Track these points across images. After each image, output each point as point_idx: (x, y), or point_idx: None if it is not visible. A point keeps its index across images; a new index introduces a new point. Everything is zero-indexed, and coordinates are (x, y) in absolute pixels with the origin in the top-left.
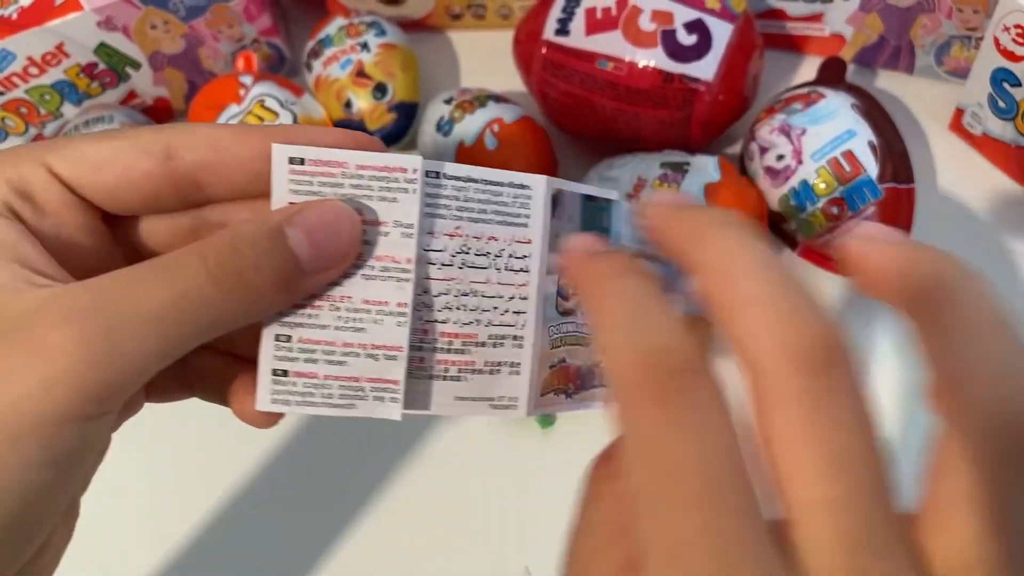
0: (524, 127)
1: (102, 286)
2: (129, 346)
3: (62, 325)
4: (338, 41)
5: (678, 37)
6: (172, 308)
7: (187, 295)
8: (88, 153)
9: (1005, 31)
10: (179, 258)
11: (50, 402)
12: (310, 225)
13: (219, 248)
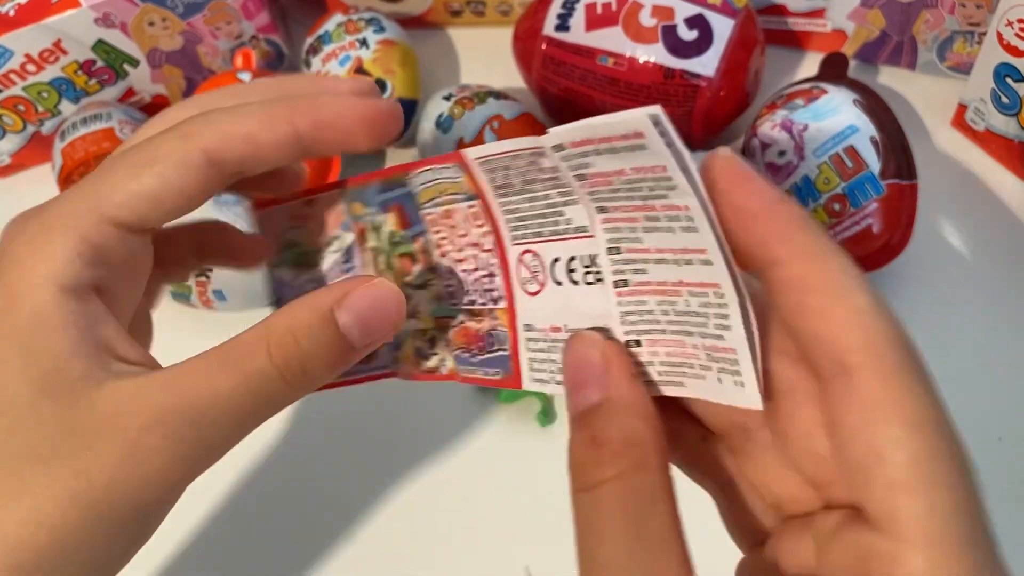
0: (524, 123)
1: (186, 384)
2: (213, 440)
3: (155, 428)
4: (337, 38)
5: (679, 32)
6: (247, 401)
7: (260, 389)
8: (139, 191)
9: (1008, 26)
10: (247, 351)
11: (143, 497)
12: (359, 309)
13: (281, 339)
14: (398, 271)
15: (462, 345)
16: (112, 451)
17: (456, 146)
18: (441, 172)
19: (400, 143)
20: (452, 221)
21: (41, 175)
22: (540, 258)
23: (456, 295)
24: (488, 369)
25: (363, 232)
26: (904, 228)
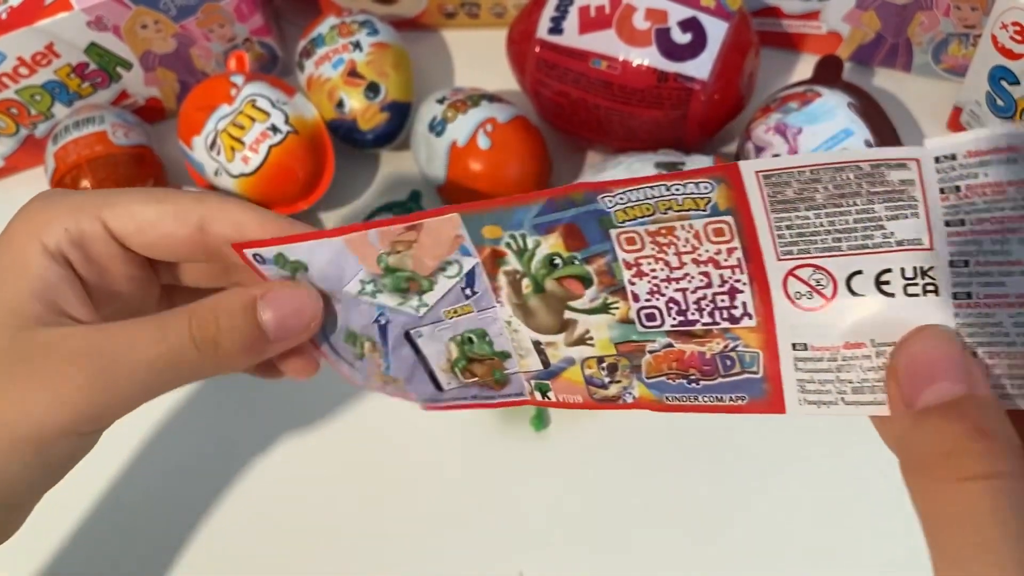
0: (518, 127)
1: (108, 333)
2: (121, 385)
3: (73, 360)
4: (330, 40)
5: (672, 35)
6: (158, 359)
7: (172, 351)
8: (136, 213)
9: (1003, 29)
10: (171, 319)
11: (51, 418)
12: (280, 307)
13: (203, 316)
14: (559, 295)
15: (672, 371)
16: (32, 377)
17: (449, 149)
18: (678, 189)
19: (393, 146)
20: (670, 239)
21: (34, 178)
22: (827, 272)
23: (657, 317)
24: (725, 395)
25: (494, 255)
26: None
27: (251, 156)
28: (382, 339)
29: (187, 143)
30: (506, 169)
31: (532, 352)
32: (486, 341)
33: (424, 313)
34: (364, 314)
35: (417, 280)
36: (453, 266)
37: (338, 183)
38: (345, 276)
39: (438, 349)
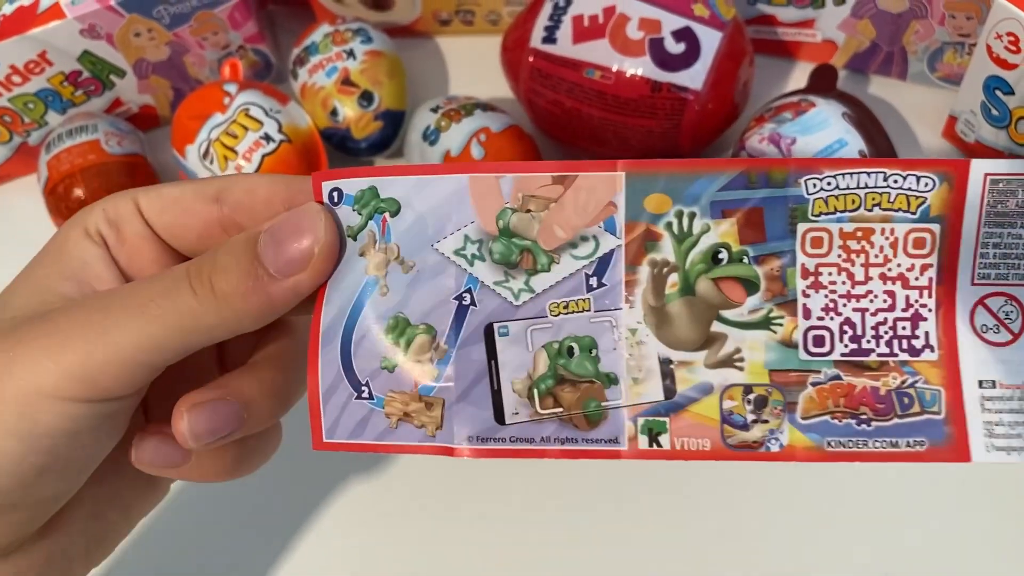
0: (511, 136)
1: (110, 293)
2: (114, 337)
3: (69, 315)
4: (324, 48)
5: (666, 45)
6: (150, 306)
7: (166, 296)
8: (164, 192)
9: (998, 39)
10: (173, 270)
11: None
12: (275, 229)
13: (201, 258)
14: (712, 300)
15: (835, 409)
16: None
17: (442, 159)
18: (897, 180)
19: (387, 155)
20: (863, 244)
21: (27, 186)
22: (1019, 303)
23: (827, 342)
24: (901, 440)
25: (646, 237)
26: None
27: (244, 165)
28: (454, 327)
29: (180, 152)
30: None
31: (655, 374)
32: (592, 356)
33: (524, 302)
34: (442, 288)
35: (535, 254)
36: (588, 243)
37: None
38: (446, 228)
39: (522, 358)
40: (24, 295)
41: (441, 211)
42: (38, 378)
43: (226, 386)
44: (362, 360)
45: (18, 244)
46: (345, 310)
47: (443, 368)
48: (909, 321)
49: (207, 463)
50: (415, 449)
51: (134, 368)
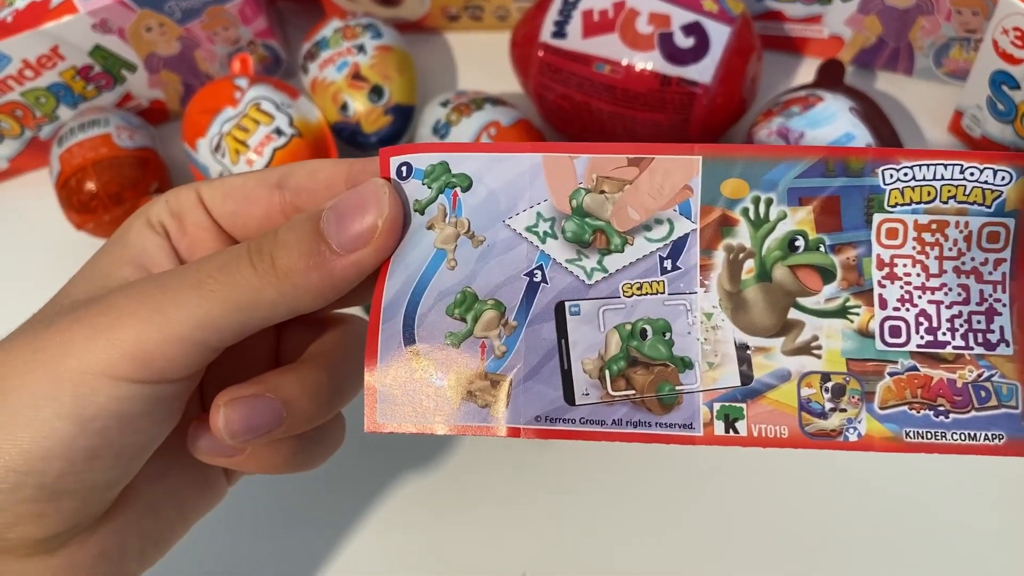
0: (521, 130)
1: (168, 272)
2: (169, 315)
3: (126, 294)
4: (334, 43)
5: (675, 40)
6: (208, 280)
7: (225, 272)
8: (227, 182)
9: (1004, 34)
10: (233, 248)
11: (89, 354)
12: (339, 204)
13: (263, 235)
14: (789, 287)
15: (912, 400)
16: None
17: None
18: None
19: None
20: (938, 237)
21: (39, 180)
22: None
23: (903, 332)
24: (980, 432)
25: (722, 223)
26: None
27: (255, 159)
28: (524, 303)
29: (191, 146)
30: None
31: (732, 359)
32: (665, 339)
33: (597, 281)
34: (513, 263)
35: (608, 234)
36: (663, 226)
37: None
38: (518, 204)
39: (593, 338)
40: (85, 282)
41: (514, 188)
42: (91, 357)
43: (267, 382)
44: (425, 335)
45: (30, 237)
46: (411, 284)
47: (511, 345)
48: (984, 315)
49: (264, 455)
50: (479, 430)
51: (190, 348)
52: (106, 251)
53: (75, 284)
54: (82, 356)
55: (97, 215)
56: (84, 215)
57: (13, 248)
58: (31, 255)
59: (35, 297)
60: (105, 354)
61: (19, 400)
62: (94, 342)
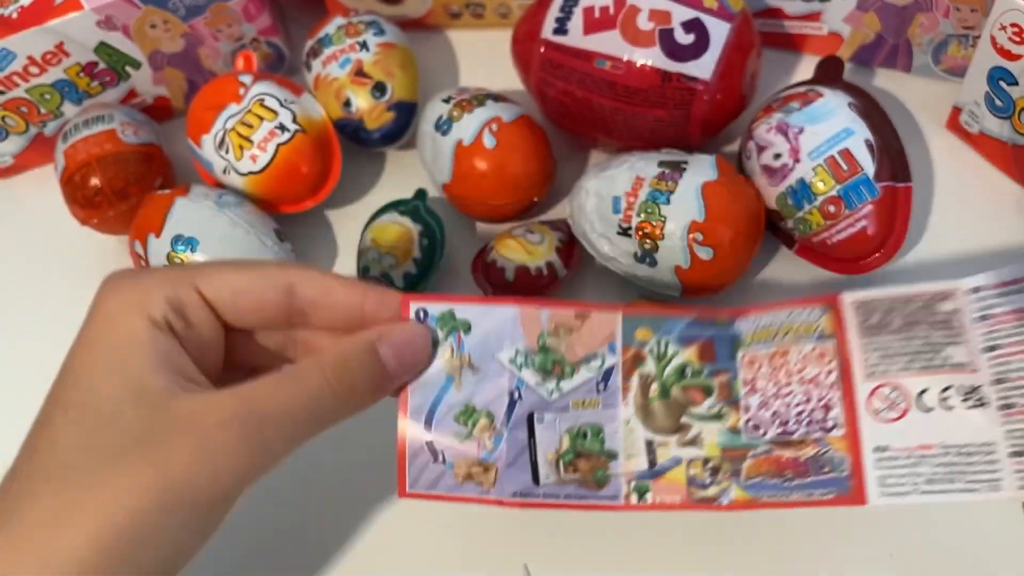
0: (522, 126)
1: (251, 395)
2: (272, 443)
3: (226, 426)
4: (337, 40)
5: (676, 36)
6: (302, 411)
7: (313, 402)
8: (230, 281)
9: (1002, 30)
10: (306, 371)
11: (213, 486)
12: (396, 343)
13: (335, 364)
14: (681, 401)
15: (769, 472)
16: (187, 446)
17: (454, 148)
18: (797, 315)
19: (399, 145)
20: (782, 360)
21: (44, 176)
22: (902, 389)
23: (762, 427)
24: (816, 491)
25: (636, 358)
26: (898, 230)
27: (259, 154)
28: (507, 414)
29: (196, 142)
30: (511, 168)
31: (642, 452)
32: (599, 438)
33: (555, 399)
34: (500, 386)
35: (562, 365)
36: (597, 360)
37: (345, 182)
38: (504, 344)
39: (552, 438)
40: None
41: (500, 331)
42: (215, 490)
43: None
44: (440, 435)
45: (35, 233)
46: (428, 399)
47: (498, 443)
48: (823, 409)
49: None
50: (475, 500)
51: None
52: (125, 358)
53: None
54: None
55: (102, 211)
56: (89, 211)
57: (18, 244)
58: (36, 251)
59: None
60: (226, 483)
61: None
62: (216, 475)
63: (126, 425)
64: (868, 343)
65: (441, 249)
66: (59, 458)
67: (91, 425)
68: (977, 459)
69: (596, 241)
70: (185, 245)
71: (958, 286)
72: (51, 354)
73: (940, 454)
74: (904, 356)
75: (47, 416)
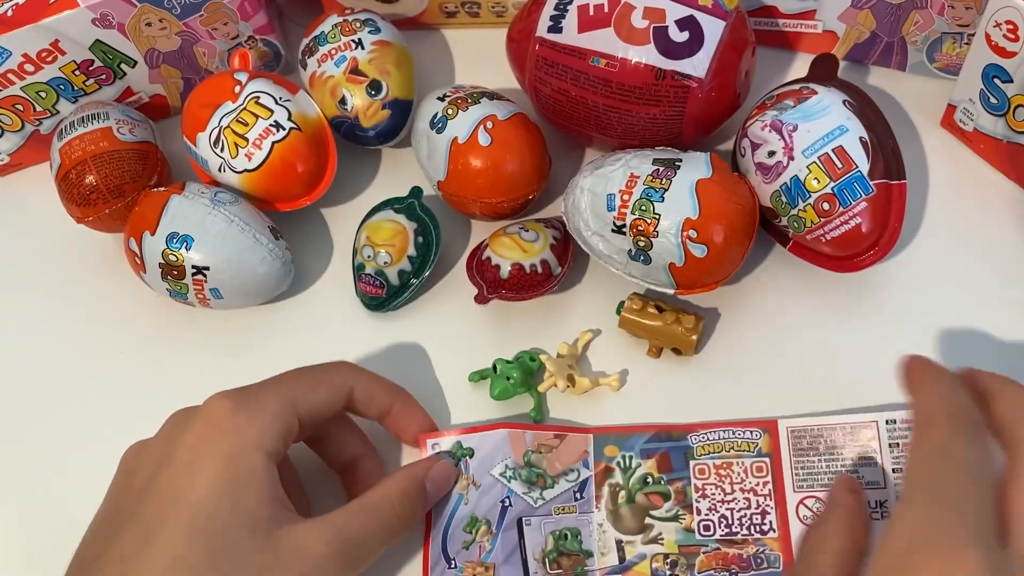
0: (517, 124)
1: (344, 525)
2: (360, 566)
3: (330, 558)
4: (332, 38)
5: (670, 34)
6: (377, 536)
7: (387, 530)
8: (314, 401)
9: (996, 27)
10: (381, 503)
11: None
12: (436, 479)
13: (401, 499)
14: (644, 505)
15: (718, 566)
16: (297, 573)
17: (449, 146)
18: (740, 434)
19: (395, 143)
20: (727, 472)
21: (40, 174)
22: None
23: (711, 528)
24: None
25: (606, 470)
26: (892, 227)
27: (255, 152)
28: (499, 519)
29: (191, 140)
30: (506, 165)
31: (613, 550)
32: (578, 539)
33: (540, 505)
34: (494, 496)
35: (544, 478)
36: (574, 473)
37: (340, 179)
38: (496, 460)
39: (538, 539)
40: (247, 534)
41: (494, 451)
42: None
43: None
44: (453, 544)
45: (31, 231)
46: (446, 515)
47: (494, 545)
48: (760, 514)
49: None
50: None
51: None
52: (245, 492)
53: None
54: None
55: (97, 209)
56: (84, 208)
57: (14, 242)
58: (32, 249)
59: (36, 290)
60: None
61: None
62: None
63: (244, 553)
64: (798, 462)
65: (436, 247)
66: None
67: (218, 548)
68: None
69: (590, 239)
70: (180, 243)
71: (876, 419)
72: (46, 352)
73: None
74: (827, 475)
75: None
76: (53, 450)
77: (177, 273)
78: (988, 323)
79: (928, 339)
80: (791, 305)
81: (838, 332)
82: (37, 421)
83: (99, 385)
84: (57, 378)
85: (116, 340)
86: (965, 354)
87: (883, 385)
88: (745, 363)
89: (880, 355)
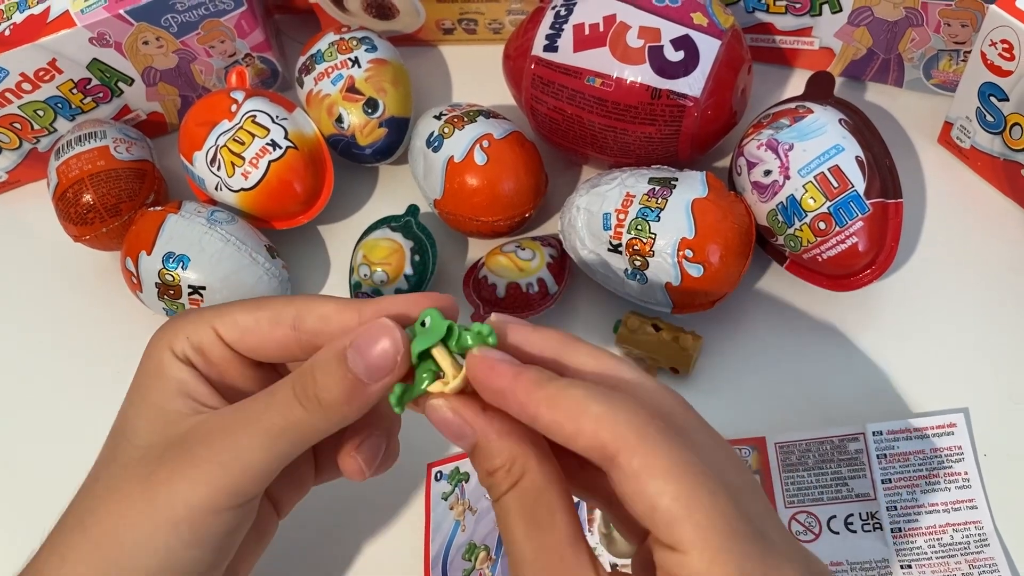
0: (513, 142)
1: (228, 412)
2: (246, 456)
3: (205, 442)
4: (329, 56)
5: (665, 53)
6: (272, 426)
7: (282, 415)
8: (239, 321)
9: (992, 46)
10: (277, 387)
11: (197, 498)
12: (364, 348)
13: (302, 376)
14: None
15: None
16: (181, 461)
17: (445, 164)
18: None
19: (391, 161)
20: None
21: (37, 191)
22: (815, 516)
23: None
24: None
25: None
26: (889, 246)
27: (251, 171)
28: (499, 544)
29: (188, 158)
30: (502, 184)
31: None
32: None
33: None
34: (491, 520)
35: None
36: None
37: (337, 197)
38: None
39: None
40: (146, 421)
41: None
42: (200, 500)
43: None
44: (452, 573)
45: (28, 249)
46: (444, 542)
47: (494, 569)
48: None
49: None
50: None
51: (265, 476)
52: (148, 385)
53: (137, 422)
54: (191, 502)
55: (94, 227)
56: (82, 227)
57: (11, 260)
58: (29, 267)
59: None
60: (209, 499)
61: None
62: (196, 489)
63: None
64: (788, 477)
65: (433, 265)
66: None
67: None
68: (875, 573)
69: (587, 257)
70: (176, 263)
71: (864, 430)
72: (45, 367)
73: (847, 570)
74: (816, 489)
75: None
76: (47, 470)
77: (174, 293)
78: (985, 341)
79: (925, 357)
80: (788, 323)
81: (836, 350)
82: (32, 439)
83: (95, 404)
84: (53, 396)
85: (112, 359)
86: (962, 372)
87: (879, 404)
88: (742, 382)
89: (876, 374)
